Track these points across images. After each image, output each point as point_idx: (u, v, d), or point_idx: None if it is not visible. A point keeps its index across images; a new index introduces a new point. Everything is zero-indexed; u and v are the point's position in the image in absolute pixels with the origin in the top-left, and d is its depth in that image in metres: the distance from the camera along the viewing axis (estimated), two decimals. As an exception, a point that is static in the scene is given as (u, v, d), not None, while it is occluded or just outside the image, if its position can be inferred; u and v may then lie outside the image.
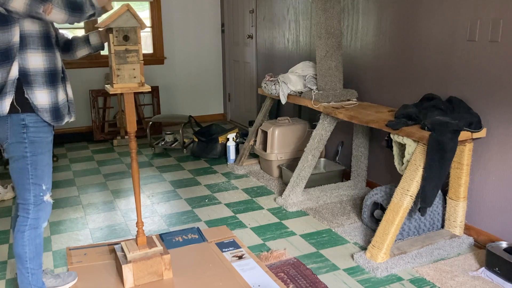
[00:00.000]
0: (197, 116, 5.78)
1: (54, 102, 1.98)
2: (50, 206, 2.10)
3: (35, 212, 2.03)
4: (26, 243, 2.02)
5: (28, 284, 2.07)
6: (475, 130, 2.50)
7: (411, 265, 2.48)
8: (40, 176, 2.00)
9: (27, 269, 2.05)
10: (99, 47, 2.20)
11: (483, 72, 2.58)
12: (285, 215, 3.18)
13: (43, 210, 2.05)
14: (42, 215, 2.05)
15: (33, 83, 1.91)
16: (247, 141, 4.13)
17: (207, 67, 6.07)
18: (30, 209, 2.02)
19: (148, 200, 3.48)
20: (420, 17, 2.94)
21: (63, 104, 2.04)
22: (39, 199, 2.03)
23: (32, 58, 1.90)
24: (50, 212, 2.11)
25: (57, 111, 1.99)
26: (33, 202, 2.02)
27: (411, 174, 2.48)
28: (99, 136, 5.20)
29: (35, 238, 2.04)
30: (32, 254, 2.04)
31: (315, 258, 2.59)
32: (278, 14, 4.61)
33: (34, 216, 2.03)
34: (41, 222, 2.06)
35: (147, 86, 2.14)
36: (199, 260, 2.54)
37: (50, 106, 1.96)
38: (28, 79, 1.91)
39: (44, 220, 2.07)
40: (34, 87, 1.91)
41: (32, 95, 1.91)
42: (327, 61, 3.29)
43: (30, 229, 2.02)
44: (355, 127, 3.46)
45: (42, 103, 1.93)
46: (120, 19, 2.01)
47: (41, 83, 1.93)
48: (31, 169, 1.97)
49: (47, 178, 2.05)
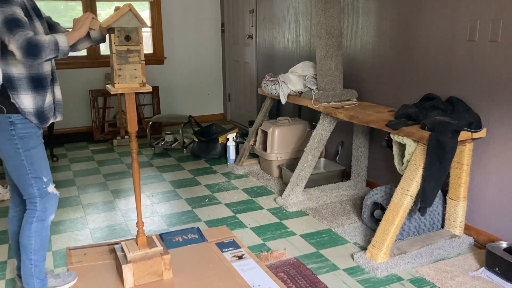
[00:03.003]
0: (197, 116, 5.77)
1: (39, 107, 1.98)
2: (56, 198, 2.12)
3: (42, 204, 2.06)
4: (33, 235, 2.06)
5: (31, 276, 2.10)
6: (475, 130, 2.50)
7: (411, 265, 2.48)
8: (38, 169, 2.02)
9: (30, 260, 2.08)
10: (100, 39, 2.19)
11: (483, 72, 2.58)
12: (285, 215, 3.18)
13: (49, 201, 2.08)
14: (49, 207, 2.08)
15: (18, 87, 1.92)
16: (247, 141, 4.13)
17: (207, 67, 6.07)
18: (37, 202, 2.05)
19: (148, 200, 3.48)
20: (420, 17, 2.94)
21: (48, 107, 2.04)
22: (43, 191, 2.05)
23: (13, 64, 1.90)
24: (57, 204, 2.14)
25: (40, 114, 1.99)
26: (39, 195, 2.04)
27: (411, 174, 2.48)
28: (99, 136, 5.20)
29: (41, 230, 2.08)
30: (38, 246, 2.08)
31: (315, 258, 2.60)
32: (278, 14, 4.61)
33: (41, 208, 2.06)
34: (48, 214, 2.09)
35: (148, 86, 2.14)
36: (199, 260, 2.54)
37: (34, 111, 1.97)
38: (13, 84, 1.91)
39: (51, 212, 2.10)
40: (19, 91, 1.92)
41: (18, 100, 1.92)
42: (327, 61, 3.29)
43: (37, 221, 2.06)
44: (355, 127, 3.46)
45: (28, 107, 1.95)
46: (122, 19, 2.01)
47: (26, 88, 1.94)
48: (27, 164, 1.99)
49: (46, 170, 2.06)
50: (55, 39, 1.85)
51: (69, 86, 5.19)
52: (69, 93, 5.20)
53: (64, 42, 1.89)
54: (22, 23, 1.80)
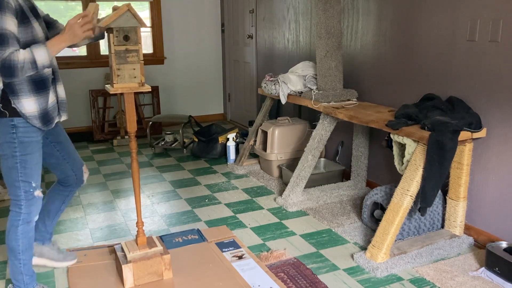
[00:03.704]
0: (197, 116, 5.78)
1: (43, 108, 2.00)
2: (40, 201, 2.13)
3: (27, 207, 2.07)
4: (20, 237, 2.08)
5: (20, 274, 2.13)
6: (475, 130, 2.50)
7: (411, 265, 2.48)
8: (29, 174, 2.03)
9: (19, 260, 2.11)
10: (99, 36, 2.21)
11: (483, 72, 2.58)
12: (285, 215, 3.18)
13: (34, 205, 2.09)
14: (33, 210, 2.10)
15: (19, 92, 1.93)
16: (247, 141, 4.13)
17: (207, 67, 6.07)
18: (22, 204, 2.06)
19: (148, 200, 3.48)
20: (420, 17, 2.94)
21: (52, 107, 2.06)
22: (29, 195, 2.06)
23: None
24: (41, 206, 2.15)
25: (45, 115, 2.01)
26: (25, 198, 2.05)
27: (411, 174, 2.48)
28: (99, 136, 5.20)
29: (28, 231, 2.10)
30: (25, 246, 2.10)
31: (315, 258, 2.60)
32: (278, 14, 4.61)
33: (26, 211, 2.07)
34: (33, 216, 2.10)
35: (147, 86, 2.14)
36: (199, 260, 2.54)
37: (39, 113, 1.98)
38: (14, 89, 1.92)
39: (35, 214, 2.12)
40: (20, 96, 1.93)
41: (19, 104, 1.93)
42: (327, 61, 3.29)
43: (23, 224, 2.08)
44: (355, 127, 3.46)
45: (30, 111, 1.95)
46: (120, 19, 2.01)
47: (27, 91, 1.94)
48: (20, 167, 2.00)
49: (37, 175, 2.07)
50: (33, 56, 1.83)
51: (69, 86, 5.18)
52: (69, 93, 5.19)
53: (43, 58, 1.87)
54: (6, 40, 1.79)
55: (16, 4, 1.86)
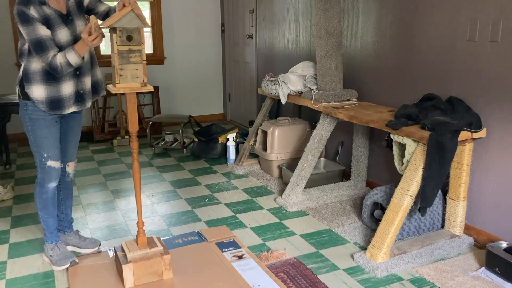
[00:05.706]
0: (197, 116, 5.78)
1: (52, 96, 2.30)
2: (54, 171, 2.43)
3: (41, 173, 2.43)
4: (37, 196, 2.48)
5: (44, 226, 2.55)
6: (475, 130, 2.50)
7: (411, 265, 2.48)
8: (40, 145, 2.37)
9: (40, 215, 2.52)
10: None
11: (483, 72, 2.58)
12: (285, 215, 3.18)
13: (47, 173, 2.42)
14: (46, 177, 2.43)
15: (32, 80, 2.28)
16: (247, 141, 4.13)
17: (207, 67, 6.07)
18: (38, 170, 2.44)
19: (148, 200, 3.48)
20: (420, 17, 2.94)
21: (68, 96, 2.35)
22: (42, 163, 2.41)
23: (34, 61, 2.26)
24: (58, 176, 2.46)
25: (54, 102, 2.32)
26: (39, 165, 2.42)
27: (411, 174, 2.48)
28: (99, 136, 5.20)
29: (41, 194, 2.47)
30: (41, 205, 2.49)
31: (315, 258, 2.60)
32: (278, 14, 4.62)
33: (40, 176, 2.44)
34: (46, 182, 2.44)
35: (150, 87, 2.14)
36: (199, 260, 2.54)
37: (46, 99, 2.30)
38: (28, 77, 2.29)
39: (49, 182, 2.44)
40: (32, 83, 2.28)
41: (29, 90, 2.29)
42: (327, 61, 3.29)
43: (38, 186, 2.46)
44: (355, 127, 3.46)
45: (37, 96, 2.29)
46: (123, 19, 2.01)
47: (39, 80, 2.28)
48: (33, 139, 2.38)
49: (47, 148, 2.38)
50: (66, 59, 2.18)
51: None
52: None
53: (75, 59, 2.20)
54: (45, 46, 2.16)
55: (41, 14, 2.17)
